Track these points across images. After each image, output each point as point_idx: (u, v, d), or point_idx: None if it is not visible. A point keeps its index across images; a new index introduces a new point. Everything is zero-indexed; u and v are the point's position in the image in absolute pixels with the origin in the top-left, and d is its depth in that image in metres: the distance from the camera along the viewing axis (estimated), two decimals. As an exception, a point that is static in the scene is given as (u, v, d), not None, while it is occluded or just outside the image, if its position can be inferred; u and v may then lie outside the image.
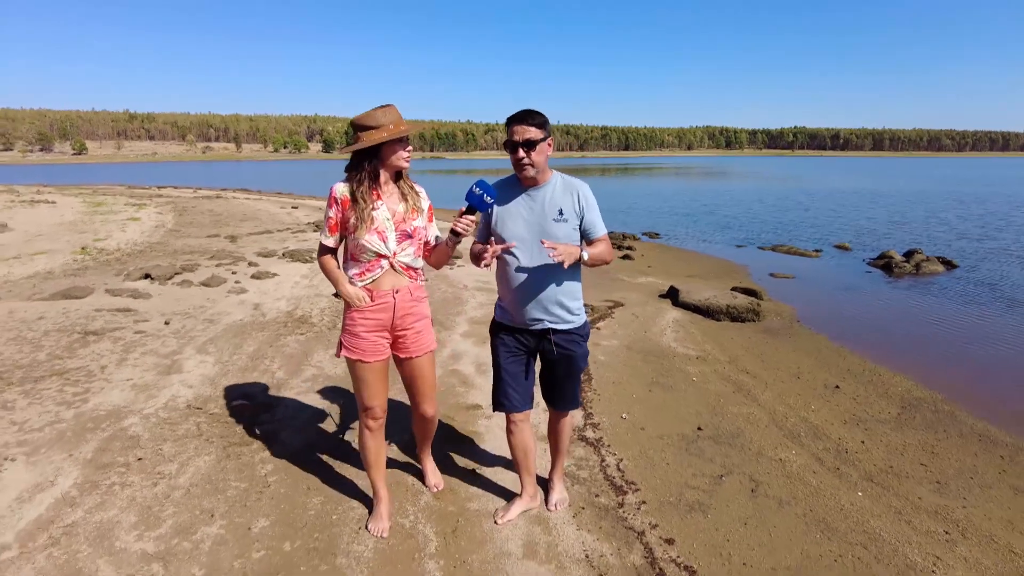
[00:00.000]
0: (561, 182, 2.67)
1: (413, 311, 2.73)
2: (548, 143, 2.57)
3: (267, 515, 2.97)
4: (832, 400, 5.03)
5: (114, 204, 19.52)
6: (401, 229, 2.62)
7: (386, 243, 2.59)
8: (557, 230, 2.59)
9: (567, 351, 2.75)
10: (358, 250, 2.60)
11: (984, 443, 4.36)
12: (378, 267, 2.62)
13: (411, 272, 2.71)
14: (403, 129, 2.51)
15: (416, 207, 2.68)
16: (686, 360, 5.74)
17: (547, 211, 2.60)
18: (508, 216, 2.64)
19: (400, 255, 2.64)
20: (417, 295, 2.75)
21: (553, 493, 3.16)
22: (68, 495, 3.05)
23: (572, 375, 2.84)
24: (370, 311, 2.65)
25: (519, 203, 2.64)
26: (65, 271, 8.52)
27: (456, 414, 4.19)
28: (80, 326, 5.77)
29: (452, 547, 2.79)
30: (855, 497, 3.48)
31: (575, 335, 2.76)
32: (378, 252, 2.58)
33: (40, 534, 2.74)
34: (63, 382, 4.45)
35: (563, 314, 2.71)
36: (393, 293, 2.65)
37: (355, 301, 2.63)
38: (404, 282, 2.68)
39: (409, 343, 2.76)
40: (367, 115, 2.51)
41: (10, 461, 3.33)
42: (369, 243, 2.55)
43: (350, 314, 2.68)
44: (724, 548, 2.93)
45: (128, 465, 3.37)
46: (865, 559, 2.90)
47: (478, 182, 2.53)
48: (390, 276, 2.65)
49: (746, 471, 3.69)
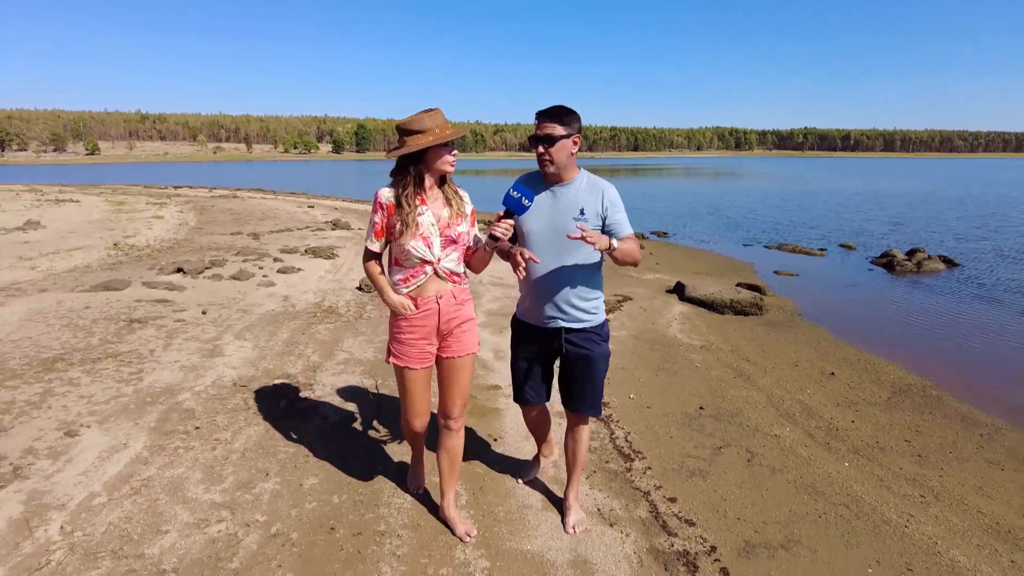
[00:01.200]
0: (587, 181, 2.64)
1: (458, 314, 2.71)
2: (573, 140, 2.55)
3: (315, 474, 3.37)
4: (827, 385, 5.38)
5: (135, 203, 20.07)
6: (446, 235, 2.60)
7: (431, 249, 2.57)
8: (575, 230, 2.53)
9: (583, 350, 2.73)
10: (403, 256, 2.59)
11: (966, 423, 4.70)
12: (422, 273, 2.60)
13: (455, 277, 2.68)
14: (449, 133, 2.50)
15: (460, 212, 2.65)
16: (690, 349, 6.11)
17: (568, 209, 2.59)
18: (531, 212, 2.61)
19: (444, 261, 2.62)
20: (461, 298, 2.72)
21: (570, 514, 3.00)
22: (141, 455, 3.46)
23: (590, 376, 2.78)
24: (416, 318, 2.64)
25: (542, 199, 2.62)
26: (101, 265, 8.99)
27: (478, 393, 4.58)
28: (124, 315, 6.21)
29: (480, 500, 3.18)
30: (842, 467, 3.84)
31: (592, 334, 2.73)
32: (423, 258, 2.56)
33: (123, 485, 3.15)
34: (118, 363, 4.87)
35: (578, 313, 2.69)
36: (437, 299, 2.63)
37: (400, 310, 2.62)
38: (448, 287, 2.66)
39: (453, 343, 2.73)
40: (413, 119, 2.49)
41: (86, 428, 3.74)
42: (414, 249, 2.53)
43: (396, 322, 2.68)
44: (721, 506, 3.30)
45: (188, 432, 3.77)
46: (846, 516, 3.26)
47: (515, 185, 2.50)
48: (434, 282, 2.63)
49: (743, 444, 4.06)
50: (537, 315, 2.73)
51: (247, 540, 2.77)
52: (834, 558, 2.89)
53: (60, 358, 4.89)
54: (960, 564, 2.89)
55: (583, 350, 2.73)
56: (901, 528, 3.17)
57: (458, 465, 2.93)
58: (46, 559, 2.57)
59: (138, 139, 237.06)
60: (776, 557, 2.87)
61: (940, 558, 2.93)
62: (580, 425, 2.94)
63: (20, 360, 4.80)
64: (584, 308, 2.70)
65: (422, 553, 2.73)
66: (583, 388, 2.80)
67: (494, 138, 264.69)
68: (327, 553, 2.71)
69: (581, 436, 2.95)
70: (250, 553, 2.68)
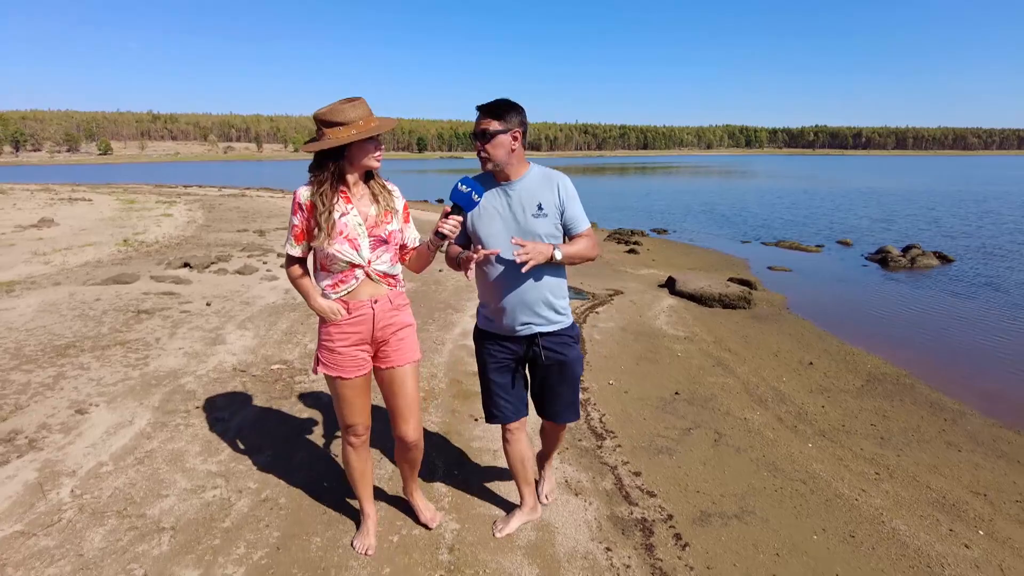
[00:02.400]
0: (539, 174, 2.49)
1: (394, 320, 2.51)
2: (512, 136, 2.38)
3: (305, 449, 3.63)
4: (804, 374, 5.58)
5: (146, 202, 20.50)
6: (375, 235, 2.39)
7: (359, 251, 2.36)
8: (537, 226, 2.42)
9: (558, 355, 2.59)
10: (328, 260, 2.37)
11: (933, 409, 4.89)
12: (352, 277, 2.39)
13: (390, 280, 2.49)
14: (374, 126, 2.27)
15: (390, 208, 2.44)
16: (674, 340, 6.32)
17: (525, 206, 2.43)
18: (483, 214, 2.47)
19: (376, 263, 2.41)
20: (398, 303, 2.52)
21: (544, 483, 3.16)
22: (144, 431, 3.74)
23: (567, 381, 2.66)
24: (347, 324, 2.43)
25: (494, 199, 2.46)
26: (112, 260, 9.33)
27: (464, 379, 4.82)
28: (133, 306, 6.50)
29: (457, 472, 3.43)
30: (805, 448, 4.06)
31: (565, 336, 2.60)
32: (351, 261, 2.35)
33: (127, 456, 3.43)
34: (126, 350, 5.15)
35: (550, 315, 2.55)
36: (371, 303, 2.43)
37: (329, 315, 2.41)
38: (383, 291, 2.46)
39: (391, 352, 2.52)
40: (334, 109, 2.24)
41: (95, 406, 4.02)
42: (340, 252, 2.32)
43: (326, 328, 2.46)
44: (683, 480, 3.52)
45: (188, 411, 4.04)
46: (801, 491, 3.47)
47: (463, 179, 2.33)
48: (367, 286, 2.42)
49: (712, 426, 4.28)
50: (507, 322, 2.53)
51: (239, 504, 3.03)
52: (783, 526, 3.10)
53: (72, 345, 5.19)
54: (900, 531, 3.10)
55: (559, 355, 2.59)
56: (851, 501, 3.38)
57: (418, 465, 2.83)
58: (58, 517, 2.84)
59: (150, 139, 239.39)
60: (728, 525, 3.10)
61: (883, 527, 3.14)
62: (557, 431, 2.92)
63: (35, 347, 5.10)
64: (556, 308, 2.56)
65: (398, 516, 2.98)
66: (561, 395, 2.68)
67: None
68: (311, 515, 2.96)
69: (558, 435, 2.95)
70: (241, 515, 2.94)
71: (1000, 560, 2.91)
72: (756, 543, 2.95)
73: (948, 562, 2.87)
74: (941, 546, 2.99)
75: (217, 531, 2.81)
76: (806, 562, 2.82)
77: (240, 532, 2.81)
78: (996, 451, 4.19)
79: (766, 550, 2.90)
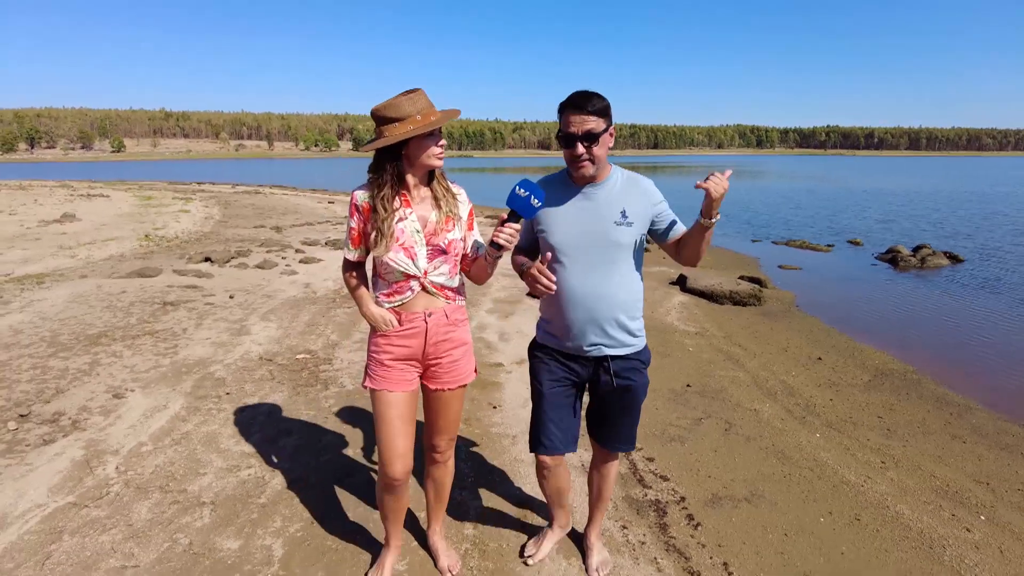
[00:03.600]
0: (623, 178, 2.24)
1: (450, 336, 2.29)
2: (610, 133, 2.13)
3: (332, 432, 3.80)
4: (812, 369, 5.70)
5: (162, 198, 20.84)
6: (433, 243, 2.17)
7: (415, 261, 2.16)
8: (620, 235, 2.16)
9: (627, 381, 2.29)
10: (384, 268, 2.20)
11: (939, 404, 5.00)
12: (408, 289, 2.20)
13: (447, 292, 2.27)
14: (434, 120, 2.06)
15: (452, 214, 2.21)
16: (685, 335, 6.46)
17: (607, 212, 2.17)
18: (558, 219, 2.21)
19: (432, 274, 2.20)
20: (455, 318, 2.30)
21: (593, 555, 2.69)
22: (179, 414, 3.93)
23: (630, 410, 2.38)
24: (398, 336, 2.23)
25: (572, 204, 2.21)
26: (134, 254, 9.58)
27: (481, 369, 4.97)
28: (158, 298, 6.71)
29: (475, 455, 3.59)
30: (813, 438, 4.18)
31: (635, 361, 2.31)
32: (406, 272, 2.16)
33: (165, 437, 3.61)
34: (155, 339, 5.35)
35: (624, 336, 2.26)
36: (425, 316, 2.22)
37: (380, 325, 2.23)
38: (439, 303, 2.25)
39: (442, 373, 2.32)
40: (391, 104, 2.05)
41: (130, 391, 4.22)
42: (395, 261, 2.14)
43: (375, 339, 2.27)
44: (694, 466, 3.66)
45: (219, 397, 4.23)
46: (808, 477, 3.61)
47: (522, 182, 2.04)
48: (422, 298, 2.22)
49: (723, 416, 4.41)
50: (574, 340, 2.25)
51: (273, 482, 3.21)
52: (791, 509, 3.24)
53: (103, 334, 5.39)
54: (904, 515, 3.23)
55: (627, 381, 2.30)
56: (857, 487, 3.51)
57: (446, 495, 2.59)
58: (106, 491, 3.03)
59: (162, 137, 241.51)
60: (739, 507, 3.24)
61: (887, 511, 3.27)
62: (610, 461, 2.56)
63: (69, 335, 5.31)
64: (630, 329, 2.27)
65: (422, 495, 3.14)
66: (621, 423, 2.41)
67: (513, 136, 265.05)
68: (341, 493, 3.14)
69: (609, 472, 2.58)
70: (275, 492, 3.12)
71: (1000, 543, 3.04)
72: (765, 524, 3.08)
73: (949, 543, 2.99)
74: (943, 529, 3.12)
75: (254, 506, 2.98)
76: (812, 542, 2.96)
77: (276, 507, 2.98)
78: (999, 443, 4.29)
79: (775, 531, 3.04)
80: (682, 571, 2.68)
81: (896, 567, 2.80)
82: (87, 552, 2.59)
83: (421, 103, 2.07)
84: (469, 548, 2.76)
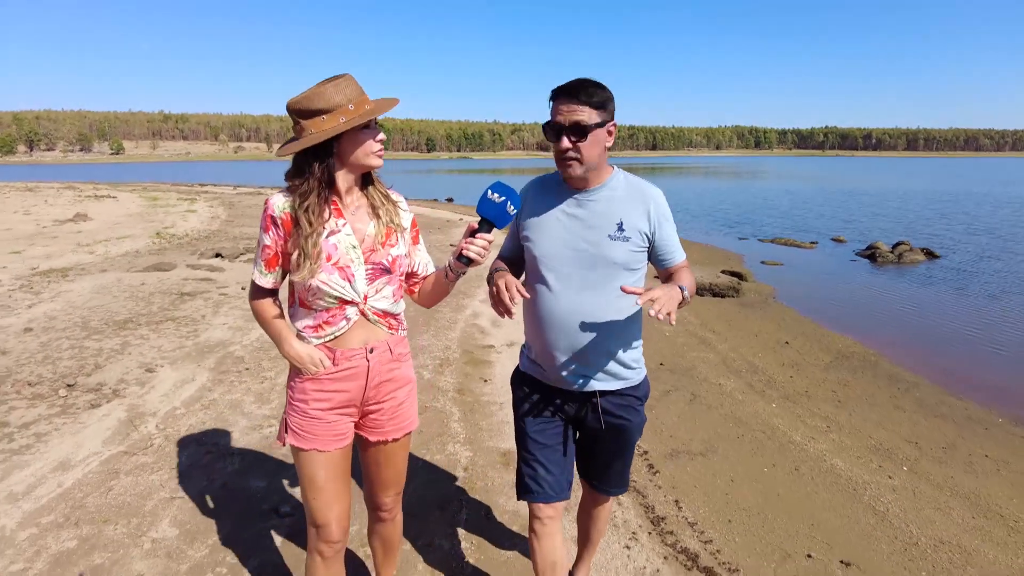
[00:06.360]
0: (626, 184, 1.90)
1: (393, 375, 1.90)
2: (608, 130, 1.81)
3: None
4: (779, 351, 6.22)
5: (168, 199, 21.39)
6: (374, 261, 1.79)
7: (352, 283, 1.76)
8: (613, 251, 1.83)
9: (620, 420, 1.95)
10: (311, 294, 1.76)
11: (891, 381, 5.51)
12: (342, 318, 1.78)
13: (391, 320, 1.88)
14: (370, 108, 1.70)
15: (394, 225, 1.84)
16: (662, 322, 6.95)
17: (601, 223, 1.84)
18: (544, 227, 1.90)
19: (374, 298, 1.81)
20: (399, 352, 1.91)
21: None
22: (205, 385, 4.44)
23: (623, 451, 2.06)
24: (331, 380, 1.80)
25: (561, 210, 1.89)
26: (149, 251, 10.11)
27: (474, 350, 5.49)
28: (175, 289, 7.23)
29: (469, 416, 4.10)
30: (769, 407, 4.70)
31: (631, 398, 1.96)
32: (342, 296, 1.75)
33: (195, 403, 4.13)
34: (177, 324, 5.87)
35: (618, 368, 1.91)
36: (366, 352, 1.82)
37: (308, 366, 1.78)
38: (381, 335, 1.85)
39: (384, 420, 1.92)
40: (315, 94, 1.65)
41: (161, 367, 4.74)
42: (328, 284, 1.72)
43: (300, 384, 1.82)
44: (659, 428, 4.18)
45: (240, 372, 4.74)
46: (759, 438, 4.12)
47: (494, 185, 1.75)
48: (360, 329, 1.81)
49: (690, 389, 4.93)
50: (560, 372, 1.90)
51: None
52: (740, 462, 3.76)
53: (129, 320, 5.91)
54: (837, 467, 3.74)
55: (620, 420, 1.95)
56: (801, 446, 4.03)
57: (396, 550, 2.22)
58: (150, 443, 3.55)
59: (161, 139, 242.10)
60: (694, 460, 3.75)
61: (823, 463, 3.78)
62: (600, 504, 2.25)
63: (99, 321, 5.83)
64: (625, 361, 1.92)
65: (422, 445, 3.66)
66: (613, 464, 2.09)
67: (512, 137, 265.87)
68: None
69: (600, 515, 2.29)
70: (295, 445, 3.63)
71: (915, 487, 3.55)
72: (715, 472, 3.60)
73: (871, 487, 3.51)
74: (868, 476, 3.64)
75: (276, 455, 3.50)
76: (754, 486, 3.47)
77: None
78: (936, 412, 4.81)
79: (723, 477, 3.55)
80: (639, 506, 3.19)
81: (822, 504, 3.31)
82: (141, 486, 3.10)
83: (351, 90, 1.68)
84: (461, 482, 3.27)
